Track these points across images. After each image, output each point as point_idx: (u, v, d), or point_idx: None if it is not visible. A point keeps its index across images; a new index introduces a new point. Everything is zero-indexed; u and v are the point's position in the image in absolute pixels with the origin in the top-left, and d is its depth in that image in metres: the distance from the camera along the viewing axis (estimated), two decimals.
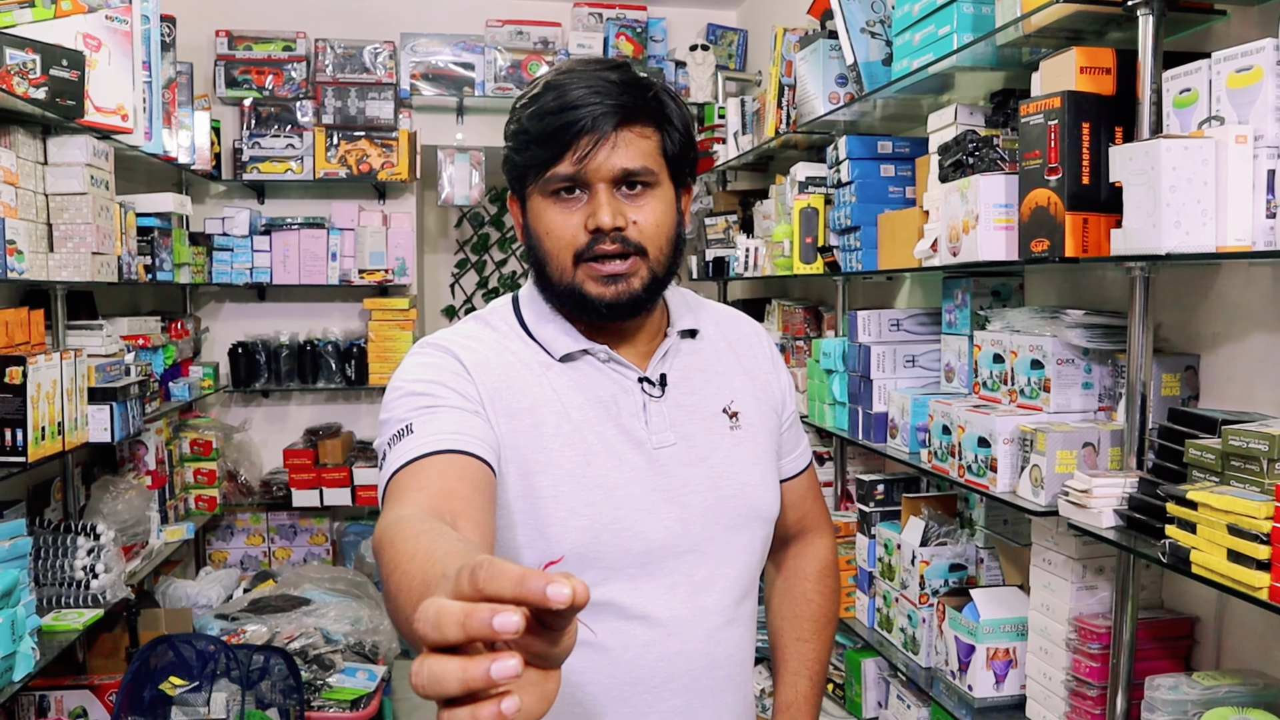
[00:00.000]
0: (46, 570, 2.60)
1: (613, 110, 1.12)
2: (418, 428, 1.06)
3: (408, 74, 4.40)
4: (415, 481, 1.01)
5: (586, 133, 1.11)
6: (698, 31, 4.56)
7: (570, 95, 1.12)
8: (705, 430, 1.24)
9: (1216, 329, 1.76)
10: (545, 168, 1.14)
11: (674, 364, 1.25)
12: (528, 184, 1.18)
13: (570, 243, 1.15)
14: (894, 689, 2.47)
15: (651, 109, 1.16)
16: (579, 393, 1.19)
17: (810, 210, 2.85)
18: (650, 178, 1.15)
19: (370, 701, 3.08)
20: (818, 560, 1.44)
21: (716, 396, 1.27)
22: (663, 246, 1.18)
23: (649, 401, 1.21)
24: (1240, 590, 1.27)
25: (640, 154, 1.14)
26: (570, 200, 1.15)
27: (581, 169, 1.12)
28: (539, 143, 1.13)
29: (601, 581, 1.14)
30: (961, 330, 2.23)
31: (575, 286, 1.16)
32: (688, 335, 1.29)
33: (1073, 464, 1.70)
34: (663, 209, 1.17)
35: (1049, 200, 1.65)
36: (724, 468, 1.23)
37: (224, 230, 4.24)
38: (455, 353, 1.17)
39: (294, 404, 4.58)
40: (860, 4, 2.46)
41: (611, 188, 1.14)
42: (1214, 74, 1.43)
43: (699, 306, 1.34)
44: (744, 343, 1.35)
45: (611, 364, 1.22)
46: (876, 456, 2.89)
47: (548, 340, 1.21)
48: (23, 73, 2.40)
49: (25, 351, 2.41)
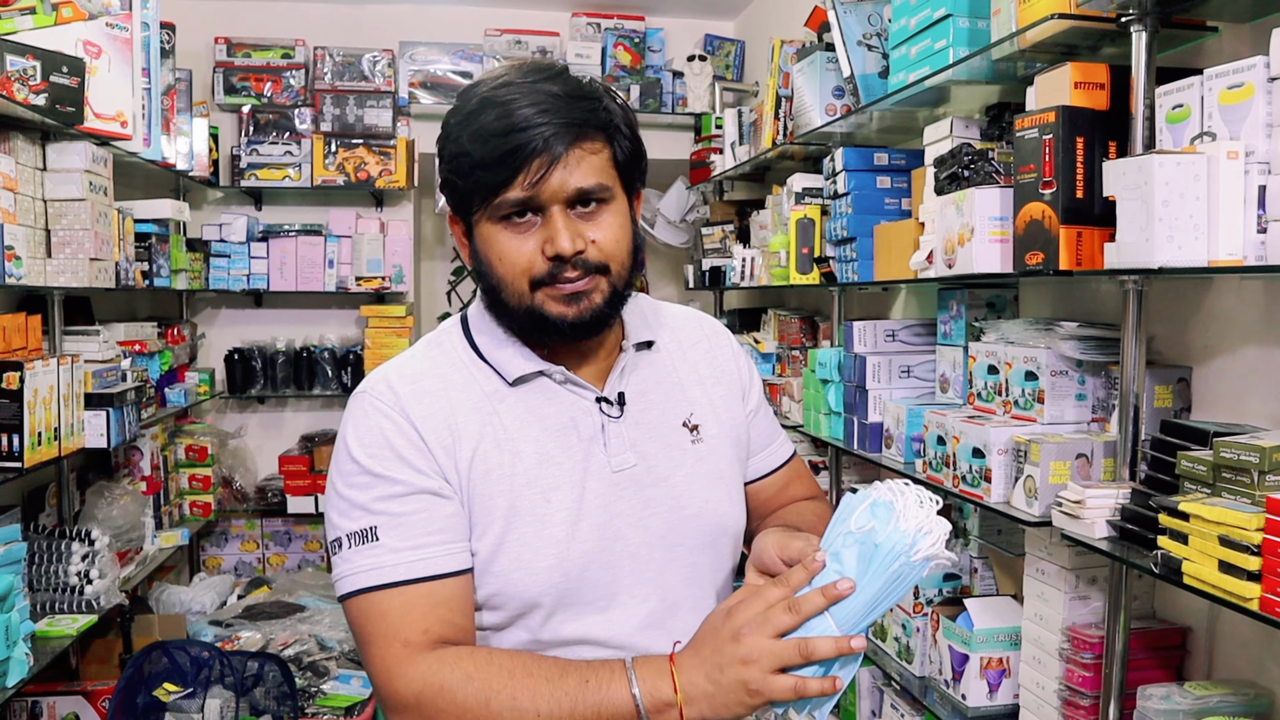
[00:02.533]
0: (41, 576, 2.60)
1: (563, 129, 1.06)
2: (383, 535, 1.06)
3: (406, 82, 4.42)
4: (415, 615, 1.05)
5: (538, 155, 1.05)
6: (695, 42, 4.58)
7: (516, 115, 1.05)
8: (665, 448, 1.20)
9: (1208, 342, 1.77)
10: (494, 193, 1.07)
11: (631, 380, 1.21)
12: (473, 210, 1.11)
13: (526, 269, 1.09)
14: (888, 698, 2.48)
15: (600, 120, 1.10)
16: (534, 423, 1.15)
17: (807, 221, 2.86)
18: (605, 194, 1.10)
19: (364, 709, 3.07)
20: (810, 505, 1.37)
21: (675, 409, 1.23)
22: (623, 261, 1.13)
23: (607, 423, 1.17)
24: (1231, 601, 1.28)
25: (593, 170, 1.09)
26: (522, 224, 1.09)
27: (535, 193, 1.06)
28: (485, 167, 1.07)
29: (574, 618, 1.12)
30: (956, 341, 2.24)
31: (535, 309, 1.10)
32: (644, 347, 1.25)
33: (1066, 475, 1.71)
34: (619, 223, 1.12)
35: (1043, 213, 1.66)
36: (685, 486, 1.19)
37: (221, 237, 4.24)
38: (409, 414, 1.11)
39: (289, 410, 4.58)
40: (857, 17, 2.48)
41: (565, 208, 1.08)
42: (1206, 90, 1.44)
43: (654, 314, 1.30)
44: (700, 346, 1.31)
45: (568, 385, 1.17)
46: (871, 466, 2.90)
47: (501, 363, 1.16)
48: (23, 79, 2.41)
49: (22, 357, 2.41)
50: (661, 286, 5.56)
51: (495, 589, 1.11)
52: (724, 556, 1.24)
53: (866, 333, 2.51)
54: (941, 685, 2.11)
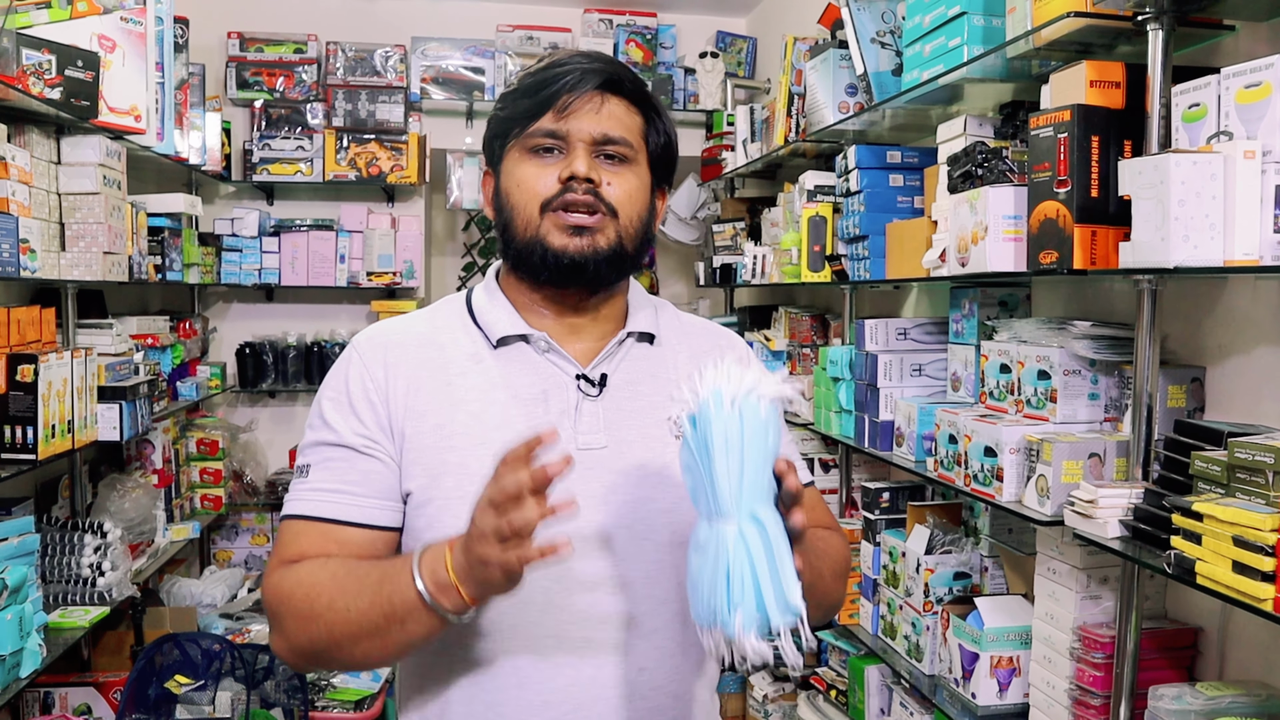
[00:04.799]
0: (53, 567, 2.62)
1: (599, 73, 1.14)
2: (313, 472, 1.14)
3: (418, 78, 4.42)
4: (303, 543, 1.12)
5: (571, 89, 1.13)
6: (707, 39, 4.57)
7: (563, 59, 1.16)
8: (644, 438, 1.17)
9: (1223, 342, 1.77)
10: (528, 121, 1.14)
11: (621, 366, 1.20)
12: (509, 141, 1.17)
13: (539, 193, 1.14)
14: (897, 696, 2.48)
15: (639, 89, 1.18)
16: (504, 388, 1.15)
17: (819, 219, 2.86)
18: (629, 151, 1.16)
19: (374, 702, 3.09)
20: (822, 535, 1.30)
21: (665, 405, 1.13)
22: (634, 218, 1.16)
23: (582, 400, 1.16)
24: (1245, 602, 1.28)
25: (623, 125, 1.15)
26: (547, 157, 1.15)
27: (562, 124, 1.13)
28: (525, 94, 1.15)
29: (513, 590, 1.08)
30: (968, 340, 2.24)
31: (539, 239, 1.13)
32: (644, 340, 1.23)
33: (1078, 474, 1.71)
34: (638, 185, 1.17)
35: (1058, 212, 1.66)
36: (660, 479, 1.15)
37: (233, 231, 4.26)
38: (368, 362, 1.16)
39: (300, 405, 4.59)
40: (871, 14, 2.47)
41: (590, 150, 1.14)
42: (1223, 89, 1.44)
43: (664, 312, 1.29)
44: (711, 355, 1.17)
45: (550, 354, 1.18)
46: (882, 464, 2.90)
47: (489, 324, 1.19)
48: (38, 73, 2.42)
49: (36, 350, 2.42)
50: (672, 284, 5.56)
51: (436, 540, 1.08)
52: None
53: (878, 331, 2.50)
54: (951, 684, 2.11)
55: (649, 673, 1.13)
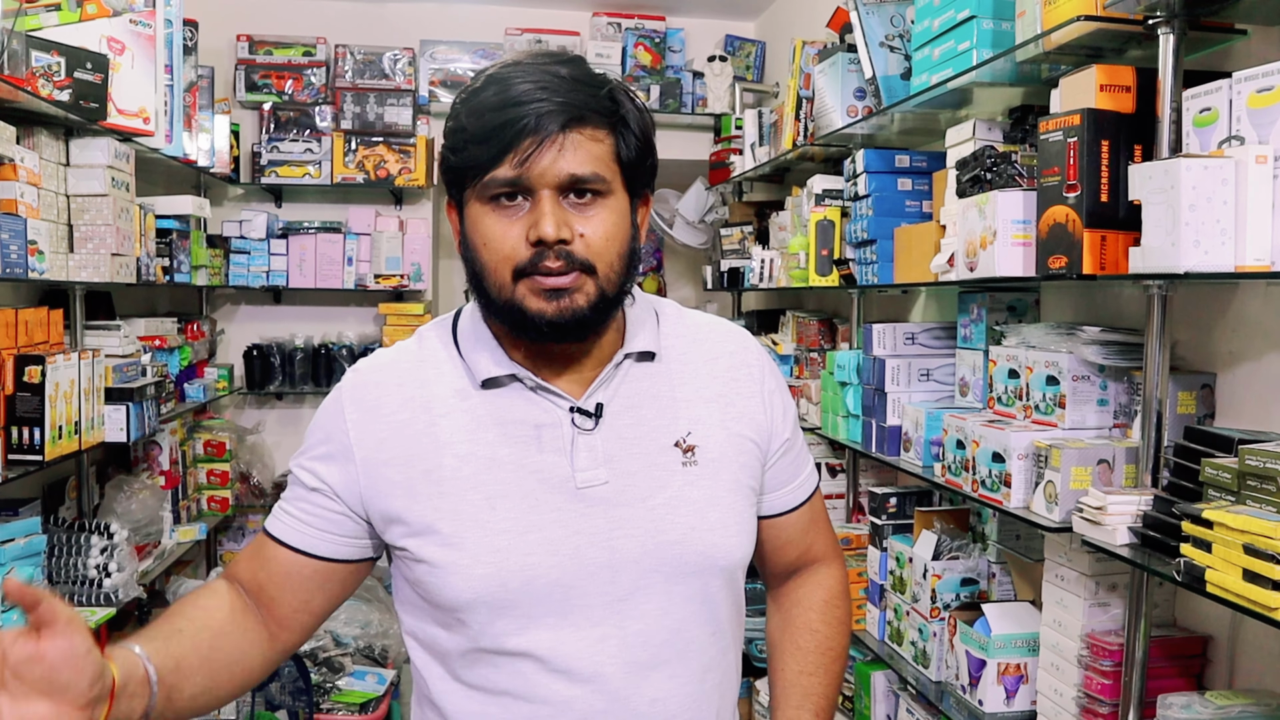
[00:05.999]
0: (60, 568, 2.62)
1: (560, 109, 1.01)
2: (285, 497, 1.17)
3: (426, 81, 4.43)
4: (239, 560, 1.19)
5: (530, 133, 1.00)
6: (716, 42, 4.57)
7: (513, 91, 1.02)
8: (649, 467, 1.11)
9: (1233, 348, 1.75)
10: (483, 171, 1.03)
11: (620, 391, 1.13)
12: (465, 189, 1.07)
13: (510, 256, 1.03)
14: (903, 702, 2.47)
15: (605, 109, 1.05)
16: (494, 428, 1.09)
17: (827, 223, 2.85)
18: (601, 185, 1.04)
19: (379, 705, 3.08)
20: (823, 589, 1.31)
21: (670, 428, 1.13)
22: (613, 263, 1.06)
23: (578, 435, 1.09)
24: (1255, 610, 1.27)
25: (590, 158, 1.03)
26: (510, 208, 1.04)
27: (523, 173, 1.01)
28: (477, 142, 1.02)
29: (517, 631, 1.07)
30: (977, 345, 2.23)
31: (515, 303, 1.04)
32: (645, 358, 1.15)
33: (1087, 481, 1.70)
34: (614, 220, 1.06)
35: (1067, 217, 1.65)
36: (668, 510, 1.10)
37: (241, 233, 4.26)
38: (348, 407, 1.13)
39: (308, 407, 4.59)
40: (880, 18, 2.46)
41: (557, 195, 1.03)
42: (1234, 94, 1.43)
43: (668, 321, 1.20)
44: (724, 362, 1.20)
45: (540, 392, 1.10)
46: (889, 469, 2.89)
47: (474, 363, 1.12)
48: (48, 75, 2.43)
49: (44, 351, 2.43)
50: (679, 287, 5.55)
51: (431, 586, 1.08)
52: (712, 588, 1.13)
53: (886, 335, 2.49)
54: (958, 690, 2.10)
55: (664, 705, 1.10)
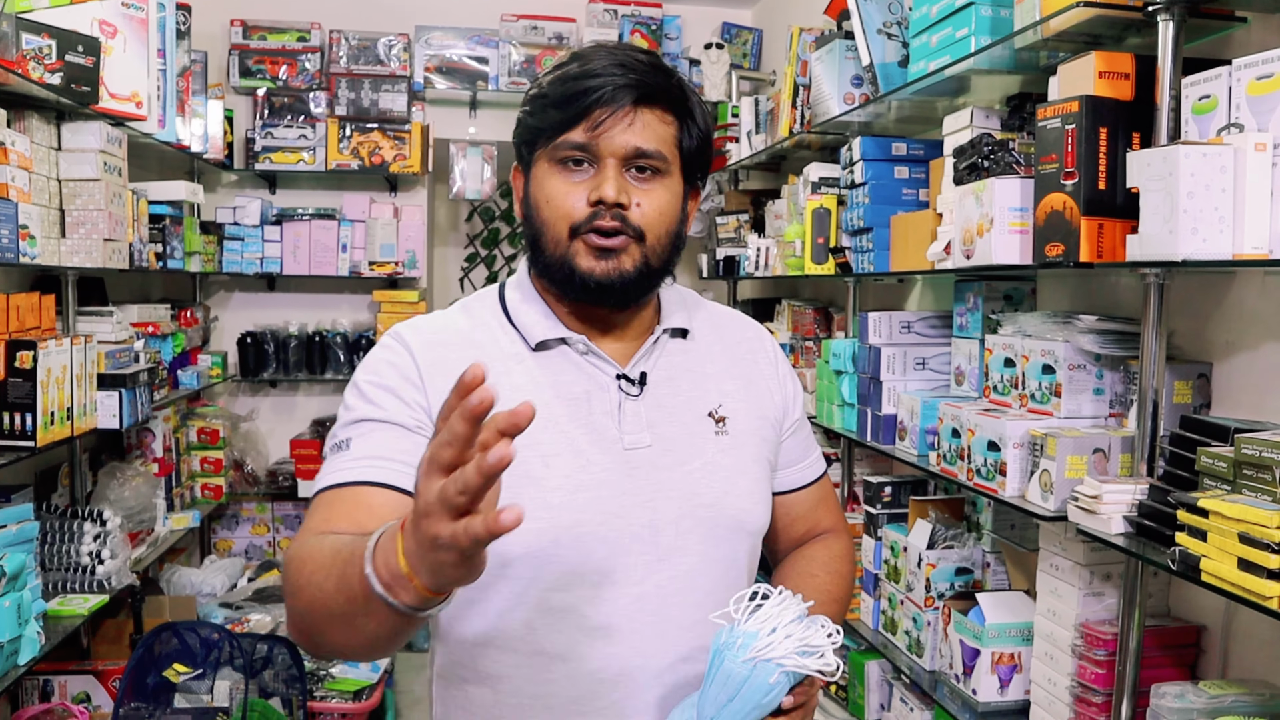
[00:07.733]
0: (53, 555, 2.61)
1: (634, 85, 1.10)
2: (354, 445, 1.09)
3: (422, 67, 4.40)
4: (333, 512, 1.05)
5: (604, 103, 1.09)
6: (713, 30, 4.55)
7: (594, 64, 1.11)
8: (686, 434, 1.19)
9: (1230, 337, 1.75)
10: (557, 132, 1.11)
11: (659, 363, 1.21)
12: (537, 148, 1.15)
13: (569, 214, 1.12)
14: (897, 692, 2.47)
15: (674, 97, 1.14)
16: (548, 389, 1.15)
17: (823, 211, 2.84)
18: (662, 164, 1.13)
19: (373, 693, 3.08)
20: (827, 547, 1.35)
21: (704, 399, 1.21)
22: (661, 237, 1.14)
23: (625, 400, 1.16)
24: (1250, 599, 1.26)
25: (655, 137, 1.12)
26: (576, 171, 1.12)
27: (593, 139, 1.10)
28: (555, 106, 1.11)
29: (563, 586, 1.10)
30: (973, 334, 2.22)
31: (567, 259, 1.12)
32: (678, 335, 1.24)
33: (1083, 470, 1.69)
34: (668, 200, 1.14)
35: (1064, 205, 1.64)
36: (704, 474, 1.18)
37: (235, 220, 4.25)
38: (414, 352, 1.14)
39: (301, 394, 4.59)
40: (877, 5, 2.45)
41: (621, 165, 1.11)
42: (1234, 81, 1.42)
43: (696, 306, 1.30)
44: (744, 346, 1.30)
45: (590, 356, 1.17)
46: (884, 458, 2.88)
47: (526, 326, 1.18)
48: (39, 58, 2.41)
49: (36, 336, 2.41)
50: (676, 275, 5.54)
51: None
52: (739, 552, 1.20)
53: (882, 324, 2.49)
54: (952, 680, 2.10)
55: (690, 663, 1.14)
